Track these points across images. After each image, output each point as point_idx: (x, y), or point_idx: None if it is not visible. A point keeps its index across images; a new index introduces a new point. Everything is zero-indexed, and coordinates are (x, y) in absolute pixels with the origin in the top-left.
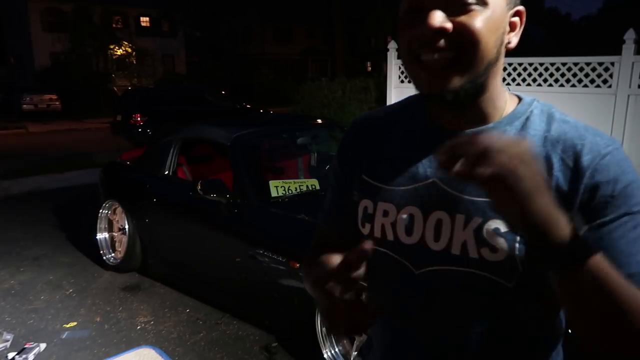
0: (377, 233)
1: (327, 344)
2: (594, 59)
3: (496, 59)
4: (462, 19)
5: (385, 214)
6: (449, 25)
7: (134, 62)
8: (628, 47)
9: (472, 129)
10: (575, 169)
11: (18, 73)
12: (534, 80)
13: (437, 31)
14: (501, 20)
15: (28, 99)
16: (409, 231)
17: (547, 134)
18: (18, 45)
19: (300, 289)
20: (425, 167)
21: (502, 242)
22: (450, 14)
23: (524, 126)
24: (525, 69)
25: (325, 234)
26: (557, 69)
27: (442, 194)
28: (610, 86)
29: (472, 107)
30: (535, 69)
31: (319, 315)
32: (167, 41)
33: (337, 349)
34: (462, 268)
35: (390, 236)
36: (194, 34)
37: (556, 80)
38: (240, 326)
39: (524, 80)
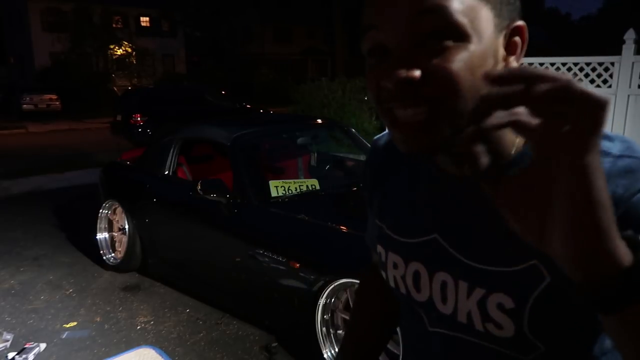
0: (392, 283)
1: (327, 344)
2: (594, 59)
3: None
4: (435, 61)
5: (395, 266)
6: (416, 73)
7: (134, 62)
8: (628, 47)
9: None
10: None
11: (18, 73)
12: None
13: (403, 82)
14: (489, 50)
15: (28, 99)
16: (417, 288)
17: None
18: (18, 45)
19: (300, 289)
20: (427, 219)
21: (507, 321)
22: (419, 56)
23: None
24: None
25: (372, 253)
26: (557, 69)
27: (444, 253)
28: (610, 86)
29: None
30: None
31: (318, 315)
32: (167, 41)
33: (337, 349)
34: (470, 338)
35: (402, 289)
36: (194, 34)
37: None
38: (240, 326)
39: None
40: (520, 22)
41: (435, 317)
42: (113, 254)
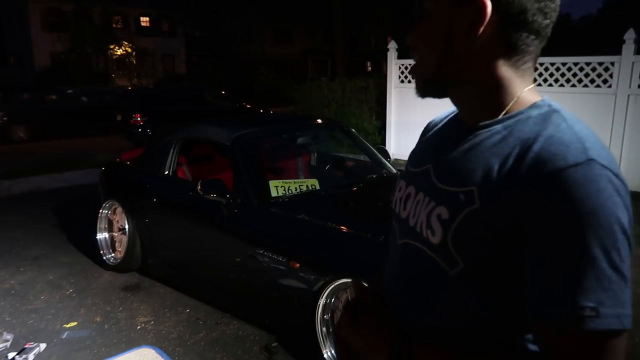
0: (392, 205)
1: (327, 344)
2: (594, 59)
3: (446, 56)
4: (419, 29)
5: (399, 189)
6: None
7: (134, 62)
8: (628, 47)
9: (474, 126)
10: (514, 175)
11: (18, 73)
12: (534, 80)
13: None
14: (440, 18)
15: None
16: (404, 206)
17: (527, 136)
18: (18, 45)
19: (300, 289)
20: (431, 154)
21: (438, 228)
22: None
23: (513, 127)
24: None
25: None
26: (557, 69)
27: (428, 178)
28: (610, 86)
29: (461, 103)
30: (535, 69)
31: (318, 315)
32: (167, 41)
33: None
34: (419, 244)
35: (396, 209)
36: (194, 34)
37: (556, 80)
38: (240, 326)
39: None
40: (485, 2)
41: (405, 230)
42: (113, 254)
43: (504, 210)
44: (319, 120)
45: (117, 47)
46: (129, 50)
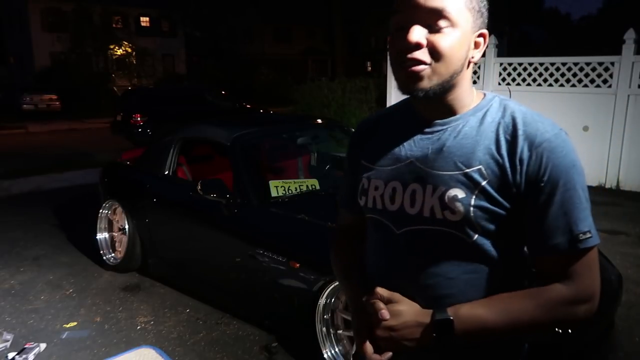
0: (370, 204)
1: (327, 344)
2: (594, 59)
3: (461, 69)
4: (435, 37)
5: (376, 188)
6: (423, 41)
7: (134, 62)
8: (628, 47)
9: (444, 119)
10: (514, 149)
11: (18, 73)
12: (534, 80)
13: (415, 45)
14: (467, 40)
15: (28, 99)
16: (392, 200)
17: (500, 120)
18: (18, 45)
19: (300, 289)
20: (406, 149)
21: (459, 206)
22: (427, 33)
23: (484, 116)
24: (525, 69)
25: (342, 212)
26: (557, 69)
27: (417, 170)
28: (610, 86)
29: (443, 102)
30: (535, 69)
31: (318, 315)
32: (167, 41)
33: (337, 349)
34: (431, 227)
35: (379, 205)
36: (194, 34)
37: (556, 80)
38: (240, 326)
39: (524, 80)
40: (484, 30)
41: (403, 220)
42: (113, 254)
43: (511, 178)
44: (319, 120)
45: (117, 47)
46: (129, 50)
